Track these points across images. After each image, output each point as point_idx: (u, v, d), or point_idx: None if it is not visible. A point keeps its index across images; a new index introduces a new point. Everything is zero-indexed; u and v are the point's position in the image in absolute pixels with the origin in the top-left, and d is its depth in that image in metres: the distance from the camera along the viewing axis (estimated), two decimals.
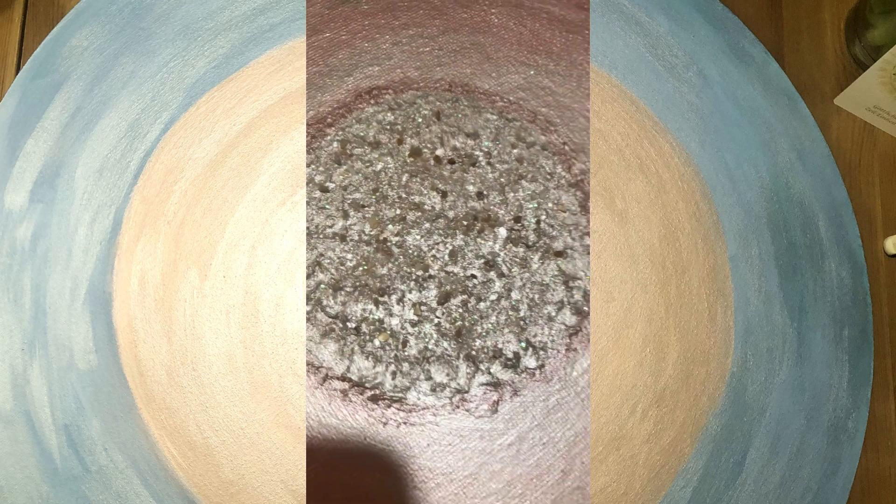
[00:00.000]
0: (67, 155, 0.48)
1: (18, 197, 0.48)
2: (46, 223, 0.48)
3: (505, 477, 0.43)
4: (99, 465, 0.45)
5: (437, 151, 0.45)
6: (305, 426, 0.45)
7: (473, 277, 0.44)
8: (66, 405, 0.46)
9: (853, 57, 0.54)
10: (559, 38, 0.48)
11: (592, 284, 0.48)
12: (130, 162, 0.49)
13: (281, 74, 0.50)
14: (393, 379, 0.44)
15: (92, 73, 0.50)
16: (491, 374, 0.44)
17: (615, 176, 0.50)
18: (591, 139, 0.50)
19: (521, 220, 0.45)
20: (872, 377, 0.49)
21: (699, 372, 0.48)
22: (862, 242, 0.51)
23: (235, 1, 0.51)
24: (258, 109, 0.49)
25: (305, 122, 0.49)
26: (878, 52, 0.52)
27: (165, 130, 0.49)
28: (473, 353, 0.44)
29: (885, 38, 0.52)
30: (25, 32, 0.52)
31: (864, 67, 0.53)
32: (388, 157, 0.46)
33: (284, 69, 0.50)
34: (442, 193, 0.45)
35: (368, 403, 0.44)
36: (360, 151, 0.46)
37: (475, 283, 0.44)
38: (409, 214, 0.45)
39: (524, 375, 0.44)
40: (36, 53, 0.50)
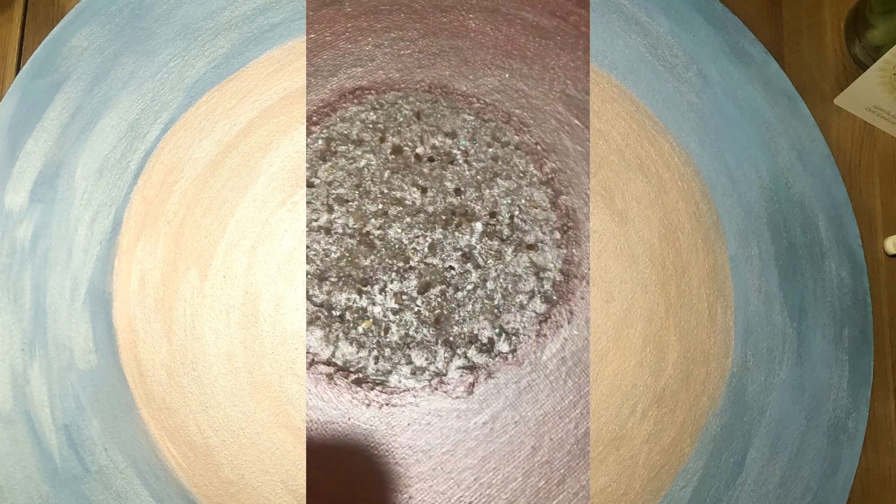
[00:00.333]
0: (67, 155, 0.48)
1: (18, 197, 0.48)
2: (46, 223, 0.48)
3: (479, 453, 0.46)
4: (99, 465, 0.45)
5: (417, 149, 0.48)
6: (305, 426, 0.45)
7: (451, 269, 0.47)
8: (66, 405, 0.46)
9: (853, 57, 0.54)
10: (532, 43, 0.50)
11: (592, 284, 0.48)
12: (130, 162, 0.49)
13: (281, 74, 0.50)
14: (376, 363, 0.46)
15: (92, 73, 0.50)
16: (467, 358, 0.46)
17: (615, 176, 0.50)
18: (591, 139, 0.50)
19: (495, 215, 0.48)
20: (872, 377, 0.49)
21: (699, 372, 0.48)
22: (862, 242, 0.51)
23: (235, 1, 0.51)
24: (258, 109, 0.49)
25: (305, 122, 0.49)
26: (878, 52, 0.52)
27: (165, 130, 0.49)
28: (451, 338, 0.46)
29: (885, 38, 0.52)
30: (25, 32, 0.52)
31: (864, 67, 0.53)
32: (370, 154, 0.48)
33: (284, 69, 0.50)
34: (422, 189, 0.47)
35: (352, 386, 0.46)
36: (344, 149, 0.48)
37: (453, 273, 0.47)
38: (390, 209, 0.47)
39: (498, 359, 0.47)
40: (36, 53, 0.50)
